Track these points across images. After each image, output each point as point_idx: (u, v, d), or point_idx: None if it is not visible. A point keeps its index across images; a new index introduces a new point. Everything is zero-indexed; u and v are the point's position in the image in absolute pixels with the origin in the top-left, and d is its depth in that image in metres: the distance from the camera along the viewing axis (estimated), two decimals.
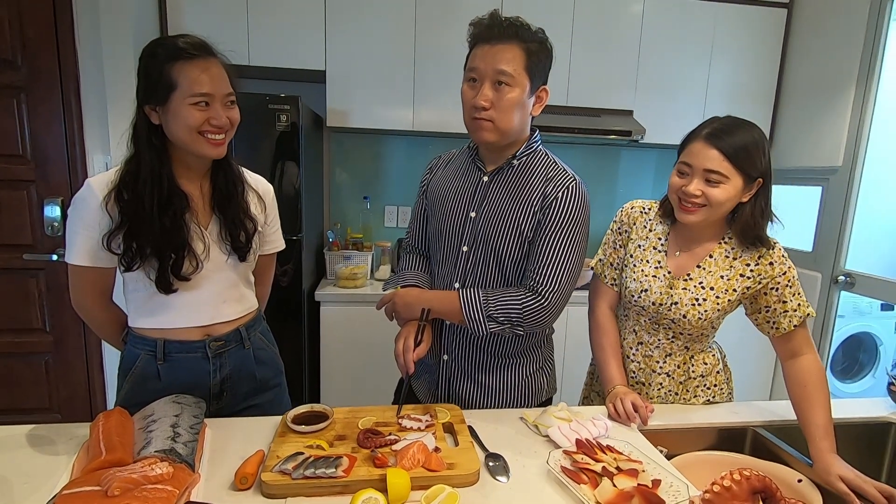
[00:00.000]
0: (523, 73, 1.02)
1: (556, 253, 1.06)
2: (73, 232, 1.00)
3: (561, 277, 1.05)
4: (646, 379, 1.22)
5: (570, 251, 1.06)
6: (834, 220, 2.31)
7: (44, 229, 2.05)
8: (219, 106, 0.99)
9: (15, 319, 2.09)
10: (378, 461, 0.86)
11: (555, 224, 1.06)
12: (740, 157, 1.02)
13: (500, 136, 1.06)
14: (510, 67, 1.01)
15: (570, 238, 1.06)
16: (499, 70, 1.01)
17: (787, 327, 1.09)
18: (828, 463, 0.97)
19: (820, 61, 2.39)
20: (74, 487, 0.71)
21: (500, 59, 1.01)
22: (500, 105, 1.02)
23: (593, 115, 2.44)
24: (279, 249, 1.28)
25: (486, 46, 1.02)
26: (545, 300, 1.05)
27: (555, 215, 1.06)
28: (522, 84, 1.03)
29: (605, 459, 0.90)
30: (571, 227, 1.06)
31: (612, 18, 2.41)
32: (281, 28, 2.20)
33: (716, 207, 1.05)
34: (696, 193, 1.04)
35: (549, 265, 1.05)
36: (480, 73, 1.03)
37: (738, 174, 1.03)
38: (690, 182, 1.05)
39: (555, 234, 1.06)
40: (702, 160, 1.04)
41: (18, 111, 1.97)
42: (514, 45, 1.01)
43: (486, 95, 1.02)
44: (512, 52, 1.01)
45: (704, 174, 1.04)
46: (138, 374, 1.07)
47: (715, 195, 1.04)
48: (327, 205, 2.71)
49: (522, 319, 1.05)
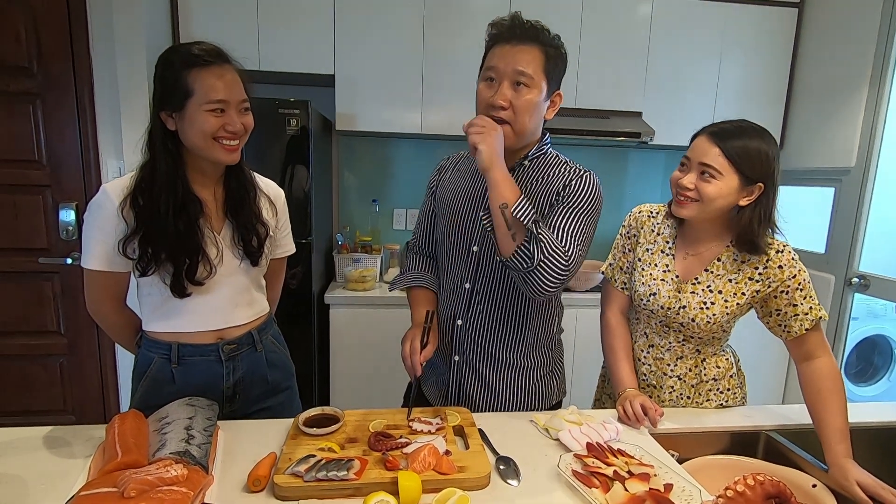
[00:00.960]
0: (542, 75, 1.03)
1: (570, 222, 1.04)
2: (89, 237, 1.02)
3: (573, 245, 1.02)
4: (657, 382, 1.21)
5: (582, 223, 1.04)
6: (847, 221, 2.28)
7: (59, 233, 2.08)
8: (234, 112, 1.00)
9: (30, 322, 2.12)
10: (389, 464, 0.86)
11: (570, 202, 1.05)
12: (738, 156, 1.03)
13: (516, 138, 1.06)
14: (530, 68, 1.01)
15: (583, 213, 1.05)
16: (518, 70, 1.01)
17: (799, 331, 1.08)
18: (845, 468, 0.95)
19: (832, 61, 2.37)
20: (91, 489, 0.72)
21: (521, 59, 1.01)
22: (517, 105, 1.03)
23: (602, 116, 2.44)
24: (290, 253, 1.28)
25: (507, 46, 1.03)
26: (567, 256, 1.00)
27: (570, 196, 1.06)
28: (540, 86, 1.03)
29: (617, 463, 0.89)
30: (585, 205, 1.05)
31: (621, 19, 2.40)
32: (291, 33, 2.22)
33: (706, 203, 1.06)
34: (689, 186, 1.06)
35: (563, 233, 1.03)
36: (499, 72, 1.03)
37: (733, 172, 1.04)
38: (685, 175, 1.08)
39: (569, 208, 1.05)
40: (699, 154, 1.06)
41: (34, 117, 2.01)
42: (534, 46, 1.02)
43: (505, 95, 1.02)
44: (532, 53, 1.02)
45: (699, 167, 1.06)
46: (152, 378, 1.09)
47: (706, 190, 1.05)
48: (336, 208, 2.73)
49: (542, 260, 0.97)
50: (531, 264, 0.98)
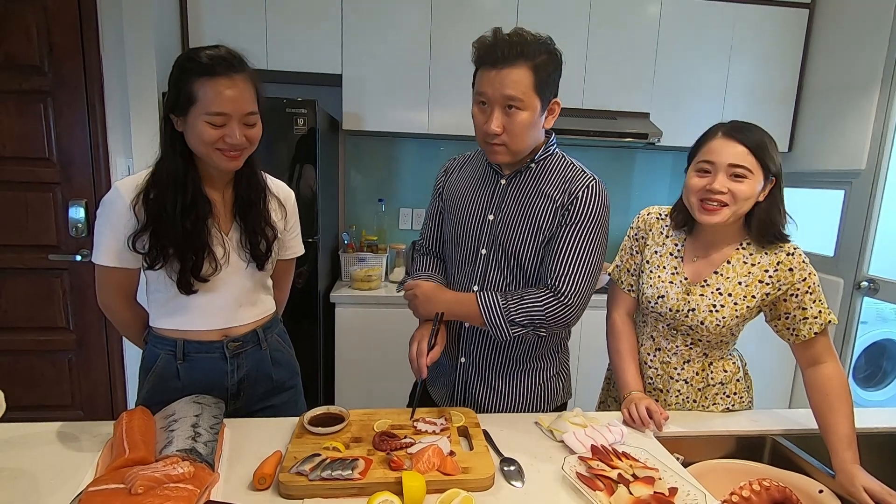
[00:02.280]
0: (532, 95, 1.00)
1: (577, 253, 1.05)
2: (101, 234, 1.03)
3: (581, 278, 1.04)
4: (663, 385, 1.21)
5: (590, 251, 1.05)
6: (857, 224, 2.26)
7: (68, 230, 2.10)
8: (235, 125, 0.98)
9: (40, 318, 2.15)
10: (394, 464, 0.86)
11: (576, 223, 1.05)
12: (762, 151, 1.03)
13: (514, 156, 1.07)
14: (518, 91, 0.98)
15: (590, 238, 1.05)
16: (507, 95, 0.98)
17: (808, 334, 1.07)
18: (852, 474, 0.95)
19: (843, 62, 2.34)
20: (99, 485, 0.73)
21: (507, 83, 0.98)
22: (511, 129, 1.02)
23: (609, 117, 2.43)
24: (298, 255, 1.29)
25: (493, 71, 0.99)
26: (567, 299, 1.04)
27: (576, 214, 1.05)
28: (533, 105, 1.01)
29: (621, 466, 0.89)
30: (592, 227, 1.05)
31: (629, 20, 2.39)
32: (299, 33, 2.22)
33: (740, 203, 1.04)
34: (723, 190, 1.04)
35: (569, 265, 1.04)
36: (489, 98, 1.01)
37: (760, 169, 1.04)
38: (715, 179, 1.04)
39: (576, 233, 1.05)
40: (726, 156, 1.04)
41: (45, 115, 2.03)
42: (519, 65, 0.98)
43: (498, 121, 1.01)
44: (518, 73, 0.98)
45: (729, 169, 1.04)
46: (159, 373, 1.10)
47: (741, 190, 1.03)
48: (342, 207, 2.73)
49: (545, 320, 1.04)
50: (534, 330, 1.06)
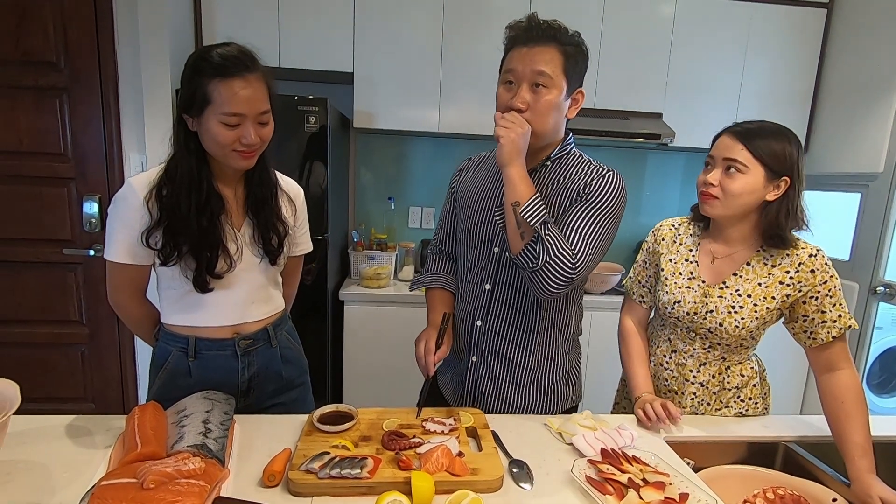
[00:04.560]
0: (561, 75, 1.02)
1: (586, 226, 1.02)
2: (113, 230, 1.03)
3: (584, 251, 1.00)
4: (678, 388, 1.20)
5: (599, 228, 1.03)
6: (873, 228, 2.22)
7: (82, 225, 2.13)
8: (250, 125, 0.98)
9: (54, 311, 2.18)
10: (402, 464, 0.86)
11: (590, 201, 1.04)
12: (761, 148, 1.04)
13: (536, 138, 1.05)
14: (548, 68, 1.00)
15: (601, 217, 1.03)
16: (537, 71, 1.00)
17: (825, 338, 1.05)
18: (868, 483, 0.93)
19: (861, 63, 2.30)
20: (112, 479, 0.74)
21: (539, 60, 1.00)
22: (536, 107, 1.02)
23: (622, 117, 2.41)
24: (307, 251, 1.29)
25: (524, 49, 1.02)
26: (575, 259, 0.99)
27: (591, 194, 1.05)
28: (560, 86, 1.02)
29: (632, 470, 0.88)
30: (605, 208, 1.04)
31: (643, 19, 2.37)
32: (311, 31, 2.23)
33: (731, 198, 1.06)
34: (714, 182, 1.07)
35: (576, 235, 1.01)
36: (518, 74, 1.02)
37: (759, 165, 1.04)
38: (709, 172, 1.09)
39: (589, 207, 1.04)
40: (722, 151, 1.08)
41: (60, 111, 2.05)
42: (552, 46, 1.01)
43: (524, 98, 1.02)
44: (550, 53, 1.01)
45: (724, 163, 1.07)
46: (170, 370, 1.10)
47: (731, 186, 1.06)
48: (352, 205, 2.74)
49: (547, 262, 0.97)
50: (536, 265, 0.98)
